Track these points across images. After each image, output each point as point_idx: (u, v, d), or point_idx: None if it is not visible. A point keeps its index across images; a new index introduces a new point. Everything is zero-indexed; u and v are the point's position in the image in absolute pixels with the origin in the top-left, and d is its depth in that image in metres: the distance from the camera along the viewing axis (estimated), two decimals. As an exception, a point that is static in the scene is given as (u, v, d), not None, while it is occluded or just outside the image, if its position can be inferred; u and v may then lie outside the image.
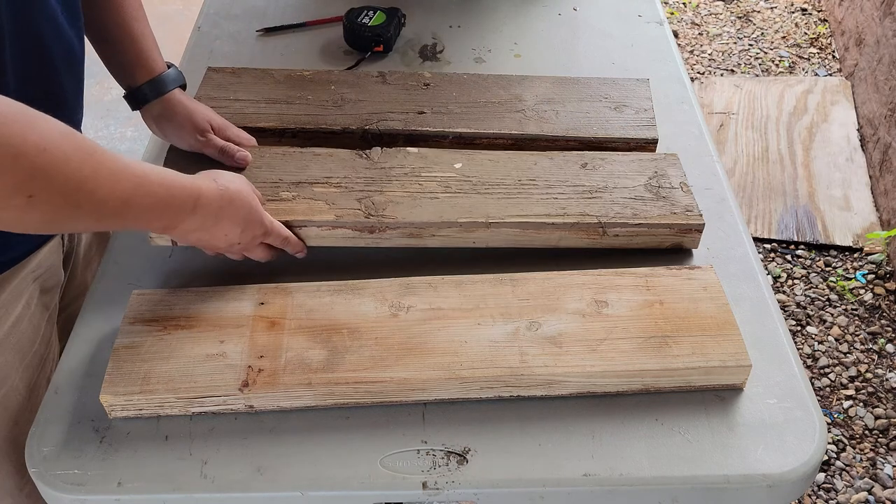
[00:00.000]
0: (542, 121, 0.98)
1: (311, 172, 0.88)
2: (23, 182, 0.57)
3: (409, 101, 1.01)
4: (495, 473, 0.68)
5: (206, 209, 0.72)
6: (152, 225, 0.70)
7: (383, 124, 0.97)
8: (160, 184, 0.67)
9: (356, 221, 0.83)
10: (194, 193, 0.71)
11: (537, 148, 0.96)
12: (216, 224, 0.74)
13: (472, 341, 0.73)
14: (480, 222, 0.83)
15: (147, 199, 0.66)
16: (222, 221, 0.74)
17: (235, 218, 0.75)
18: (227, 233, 0.76)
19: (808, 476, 0.68)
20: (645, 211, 0.85)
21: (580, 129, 0.98)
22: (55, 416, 0.72)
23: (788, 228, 2.10)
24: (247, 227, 0.77)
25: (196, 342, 0.73)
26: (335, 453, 0.69)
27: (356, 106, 1.00)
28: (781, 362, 0.76)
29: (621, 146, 0.97)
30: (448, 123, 0.97)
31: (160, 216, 0.69)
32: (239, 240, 0.77)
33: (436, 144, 0.96)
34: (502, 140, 0.97)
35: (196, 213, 0.71)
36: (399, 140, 0.96)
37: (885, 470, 1.61)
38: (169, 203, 0.69)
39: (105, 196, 0.63)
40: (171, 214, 0.70)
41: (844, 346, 1.85)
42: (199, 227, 0.73)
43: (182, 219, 0.71)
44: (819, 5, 3.02)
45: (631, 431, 0.71)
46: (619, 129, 0.98)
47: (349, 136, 0.97)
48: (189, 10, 2.95)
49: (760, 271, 0.86)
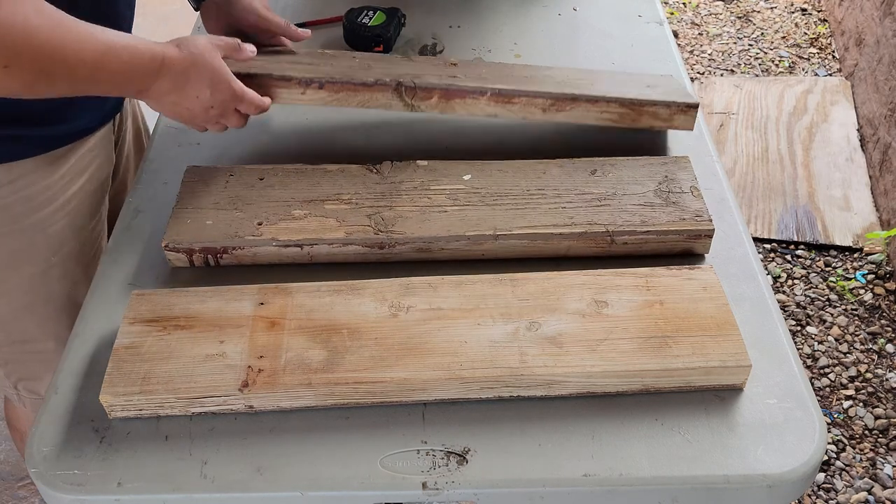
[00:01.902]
0: (580, 88, 0.98)
1: (322, 189, 0.89)
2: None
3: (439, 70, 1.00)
4: (495, 473, 0.68)
5: (172, 71, 0.79)
6: (125, 89, 0.79)
7: (419, 79, 0.95)
8: (125, 48, 0.74)
9: (366, 238, 0.84)
10: (158, 56, 0.77)
11: (578, 108, 0.95)
12: (185, 85, 0.81)
13: (472, 341, 0.73)
14: (488, 235, 0.84)
15: (114, 64, 0.74)
16: (190, 82, 0.81)
17: (202, 78, 0.81)
18: (198, 94, 0.82)
19: (808, 476, 0.68)
20: (654, 218, 0.85)
21: (620, 92, 0.97)
22: (55, 416, 0.72)
23: (788, 228, 2.10)
24: (215, 89, 0.83)
25: (196, 342, 0.73)
26: (335, 453, 0.69)
27: (386, 69, 0.99)
28: (781, 362, 0.76)
29: (662, 110, 0.96)
30: (485, 83, 0.96)
31: (130, 79, 0.77)
32: (211, 102, 0.83)
33: (473, 102, 0.95)
34: (543, 98, 0.95)
35: (162, 74, 0.78)
36: (435, 95, 0.94)
37: (885, 470, 1.61)
38: (136, 66, 0.76)
39: (75, 63, 0.70)
40: (140, 77, 0.77)
41: (844, 346, 1.85)
42: (171, 89, 0.80)
43: (151, 81, 0.78)
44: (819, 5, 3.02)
45: (631, 431, 0.71)
46: (660, 94, 0.98)
47: (383, 87, 0.94)
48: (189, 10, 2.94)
49: (760, 271, 0.86)
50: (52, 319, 1.00)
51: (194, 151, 1.03)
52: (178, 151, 1.03)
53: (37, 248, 0.95)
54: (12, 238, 0.93)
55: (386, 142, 1.04)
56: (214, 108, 0.84)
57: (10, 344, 1.02)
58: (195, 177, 0.91)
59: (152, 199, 0.95)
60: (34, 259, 0.95)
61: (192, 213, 0.87)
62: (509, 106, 0.95)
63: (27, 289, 0.97)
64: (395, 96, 0.93)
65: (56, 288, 0.98)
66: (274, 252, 0.85)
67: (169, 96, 0.81)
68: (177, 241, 0.84)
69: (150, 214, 0.93)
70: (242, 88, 0.86)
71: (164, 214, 0.92)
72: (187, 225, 0.85)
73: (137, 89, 0.78)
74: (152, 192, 0.96)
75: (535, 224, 0.85)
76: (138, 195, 0.96)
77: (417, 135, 1.05)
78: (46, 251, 0.96)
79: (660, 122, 0.97)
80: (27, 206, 0.92)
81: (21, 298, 0.98)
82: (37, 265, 0.96)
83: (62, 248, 0.97)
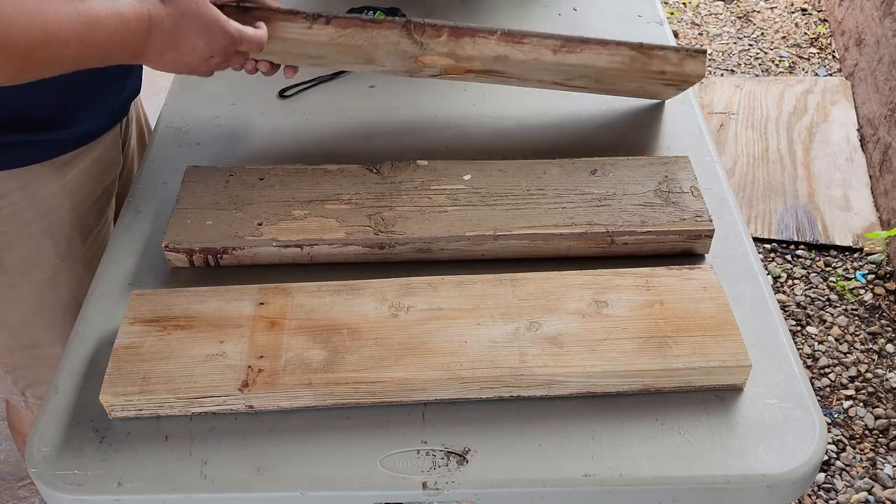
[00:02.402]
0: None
1: (322, 190, 0.89)
2: None
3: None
4: (495, 473, 0.68)
5: (161, 27, 0.76)
6: (119, 56, 0.75)
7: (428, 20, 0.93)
8: (109, 17, 0.71)
9: (366, 238, 0.84)
10: (144, 16, 0.74)
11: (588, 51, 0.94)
12: (179, 40, 0.78)
13: (472, 341, 0.73)
14: (488, 235, 0.84)
15: (102, 34, 0.71)
16: (183, 36, 0.78)
17: (193, 30, 0.78)
18: (195, 46, 0.79)
19: (808, 476, 0.68)
20: (654, 218, 0.85)
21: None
22: (55, 416, 0.72)
23: (788, 228, 2.10)
24: (211, 37, 0.80)
25: (196, 342, 0.73)
26: (335, 453, 0.69)
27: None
28: (781, 362, 0.76)
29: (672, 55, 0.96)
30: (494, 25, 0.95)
31: (121, 46, 0.73)
32: (211, 52, 0.80)
33: (483, 41, 0.94)
34: (552, 40, 0.94)
35: (153, 33, 0.75)
36: (444, 33, 0.93)
37: (885, 470, 1.61)
38: (124, 31, 0.73)
39: (59, 45, 0.68)
40: (130, 41, 0.74)
41: (844, 346, 1.85)
42: (166, 47, 0.77)
43: (143, 43, 0.75)
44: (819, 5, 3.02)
45: (631, 431, 0.71)
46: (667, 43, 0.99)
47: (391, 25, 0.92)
48: None
49: (760, 271, 0.86)
50: (61, 323, 1.00)
51: (194, 151, 1.03)
52: (178, 151, 1.03)
53: (46, 254, 0.95)
54: (22, 244, 0.93)
55: (386, 142, 1.04)
56: (215, 57, 0.82)
57: (21, 349, 1.01)
58: (195, 177, 0.91)
59: (152, 199, 0.95)
60: (43, 264, 0.95)
61: (192, 213, 0.87)
62: (519, 46, 0.93)
63: (37, 294, 0.97)
64: (404, 34, 0.92)
65: (65, 292, 0.98)
66: (274, 252, 0.85)
67: (165, 54, 0.78)
68: (177, 241, 0.84)
69: (150, 214, 0.93)
70: (239, 29, 0.83)
71: (164, 214, 0.92)
72: (187, 225, 0.85)
73: (131, 54, 0.76)
74: (152, 192, 0.96)
75: (535, 224, 0.85)
76: (138, 195, 0.96)
77: (417, 135, 1.05)
78: (55, 256, 0.96)
79: (671, 66, 0.96)
80: (36, 211, 0.92)
81: (31, 304, 0.97)
82: (46, 270, 0.96)
83: (71, 252, 0.97)
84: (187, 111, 1.10)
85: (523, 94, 1.11)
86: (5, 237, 0.91)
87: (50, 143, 0.90)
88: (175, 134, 1.06)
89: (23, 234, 0.92)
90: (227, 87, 1.14)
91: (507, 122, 1.07)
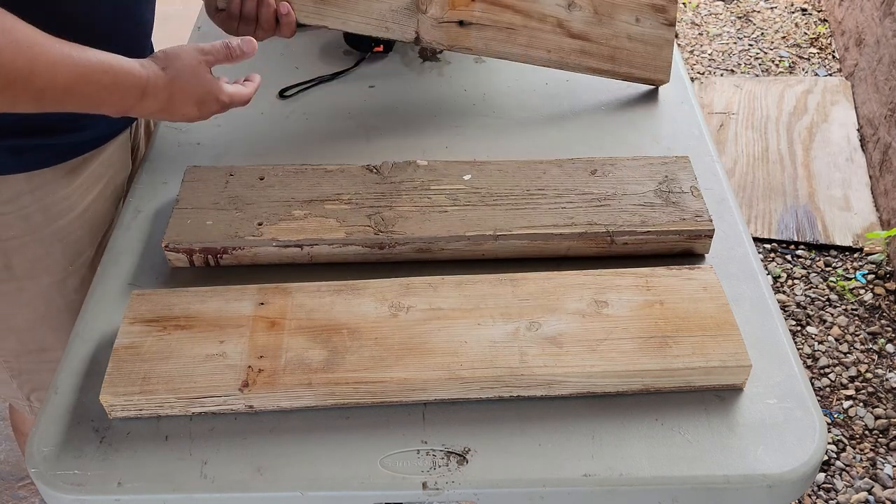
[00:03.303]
0: None
1: (322, 190, 0.89)
2: None
3: None
4: (495, 473, 0.68)
5: (156, 96, 0.77)
6: (103, 109, 0.75)
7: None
8: (105, 71, 0.71)
9: (366, 238, 0.84)
10: (141, 82, 0.75)
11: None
12: (172, 106, 0.79)
13: (472, 341, 0.73)
14: (488, 235, 0.84)
15: (90, 87, 0.70)
16: (176, 104, 0.79)
17: (189, 100, 0.80)
18: (185, 113, 0.81)
19: (808, 476, 0.68)
20: (654, 218, 0.85)
21: None
22: (55, 416, 0.72)
23: (788, 228, 2.10)
24: (203, 106, 0.82)
25: (196, 342, 0.73)
26: (335, 453, 0.69)
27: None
28: (781, 362, 0.76)
29: None
30: None
31: (108, 101, 0.74)
32: (199, 116, 0.82)
33: None
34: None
35: (146, 99, 0.76)
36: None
37: (885, 470, 1.61)
38: (114, 90, 0.73)
39: (43, 86, 0.67)
40: (118, 100, 0.74)
41: (844, 346, 1.85)
42: (156, 110, 0.78)
43: (132, 104, 0.76)
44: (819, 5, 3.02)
45: (631, 431, 0.71)
46: None
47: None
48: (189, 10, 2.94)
49: (760, 271, 0.86)
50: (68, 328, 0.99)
51: (194, 151, 1.03)
52: (178, 151, 1.03)
53: (55, 258, 0.95)
54: (32, 247, 0.93)
55: (386, 142, 1.04)
56: (202, 117, 0.84)
57: (27, 353, 1.01)
58: (195, 177, 0.91)
59: (152, 199, 0.95)
60: (53, 268, 0.95)
61: (192, 213, 0.87)
62: None
63: (45, 298, 0.97)
64: None
65: (73, 296, 0.98)
66: (274, 252, 0.85)
67: (155, 115, 0.80)
68: (177, 241, 0.84)
69: (150, 214, 0.93)
70: (230, 95, 0.84)
71: (164, 214, 0.92)
72: (187, 225, 0.85)
73: (117, 110, 0.76)
74: (152, 192, 0.96)
75: (535, 224, 0.85)
76: (138, 195, 0.96)
77: (417, 135, 1.05)
78: (64, 260, 0.96)
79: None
80: (46, 215, 0.92)
81: (38, 308, 0.97)
82: (55, 274, 0.96)
83: (80, 256, 0.97)
84: (187, 111, 1.09)
85: (523, 94, 1.12)
86: (15, 240, 0.91)
87: (60, 147, 0.90)
88: (175, 134, 1.06)
89: (32, 238, 0.92)
90: (227, 87, 1.14)
91: (507, 122, 1.07)
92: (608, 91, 1.11)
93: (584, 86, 1.12)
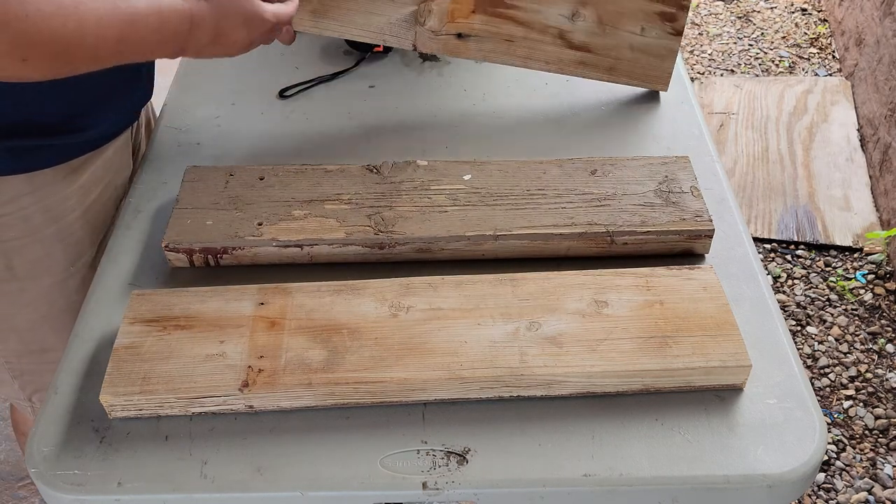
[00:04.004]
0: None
1: (322, 190, 0.89)
2: (12, 48, 0.62)
3: None
4: (495, 473, 0.68)
5: (203, 25, 0.76)
6: (160, 52, 0.75)
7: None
8: (150, 13, 0.70)
9: (366, 238, 0.84)
10: (186, 14, 0.74)
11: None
12: (221, 35, 0.78)
13: (472, 341, 0.73)
14: (488, 235, 0.84)
15: (141, 32, 0.70)
16: (225, 31, 0.78)
17: (236, 25, 0.79)
18: (236, 39, 0.80)
19: (808, 476, 0.68)
20: (654, 218, 0.85)
21: None
22: (55, 416, 0.72)
23: (788, 228, 2.10)
24: (251, 28, 0.80)
25: (196, 342, 0.73)
26: (335, 453, 0.69)
27: None
28: (781, 362, 0.76)
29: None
30: None
31: (161, 44, 0.73)
32: (251, 40, 0.81)
33: None
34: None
35: (194, 31, 0.75)
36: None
37: (885, 470, 1.61)
38: (163, 30, 0.72)
39: (96, 43, 0.67)
40: (171, 39, 0.73)
41: (844, 346, 1.85)
42: (207, 42, 0.77)
43: (184, 41, 0.75)
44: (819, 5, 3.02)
45: (631, 431, 0.71)
46: None
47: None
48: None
49: (760, 271, 0.86)
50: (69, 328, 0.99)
51: (194, 151, 1.03)
52: (178, 151, 1.03)
53: (56, 258, 0.95)
54: (32, 248, 0.93)
55: (386, 142, 1.04)
56: (256, 42, 0.83)
57: (29, 354, 1.01)
58: (195, 177, 0.91)
59: (152, 199, 0.95)
60: (54, 269, 0.95)
61: (192, 213, 0.87)
62: None
63: (46, 299, 0.97)
64: None
65: (74, 297, 0.98)
66: (274, 252, 0.85)
67: (206, 49, 0.79)
68: (177, 241, 0.84)
69: (150, 214, 0.93)
70: (275, 13, 0.83)
71: (164, 214, 0.92)
72: (187, 225, 0.85)
73: (171, 51, 0.76)
74: (152, 192, 0.96)
75: (535, 224, 0.85)
76: (138, 195, 0.96)
77: (417, 135, 1.05)
78: (65, 261, 0.96)
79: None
80: (47, 215, 0.92)
81: (40, 308, 0.97)
82: (56, 275, 0.96)
83: (80, 257, 0.97)
84: (187, 111, 1.10)
85: (523, 94, 1.12)
86: (16, 241, 0.91)
87: (60, 147, 0.90)
88: (175, 134, 1.06)
89: (33, 239, 0.92)
90: (227, 87, 1.14)
91: (507, 122, 1.07)
92: (608, 91, 1.11)
93: (584, 86, 1.12)
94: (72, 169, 0.92)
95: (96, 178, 0.96)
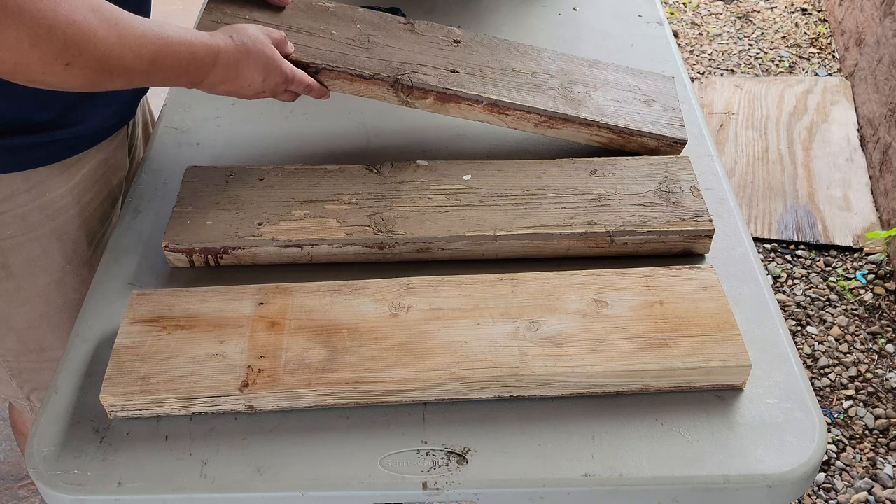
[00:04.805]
0: (577, 102, 0.97)
1: (322, 190, 0.89)
2: (59, 52, 0.66)
3: (440, 57, 0.98)
4: (495, 473, 0.68)
5: (226, 63, 0.81)
6: (180, 81, 0.79)
7: (416, 77, 0.94)
8: (181, 43, 0.76)
9: (366, 238, 0.84)
10: (214, 49, 0.79)
11: (569, 129, 0.97)
12: (238, 75, 0.83)
13: (472, 341, 0.73)
14: (488, 235, 0.84)
15: (171, 59, 0.75)
16: (243, 72, 0.83)
17: (255, 68, 0.83)
18: (251, 82, 0.84)
19: (808, 476, 0.68)
20: (654, 218, 0.85)
21: (613, 116, 0.97)
22: (55, 416, 0.72)
23: (788, 228, 2.10)
24: (268, 75, 0.85)
25: (196, 342, 0.73)
26: (335, 453, 0.69)
27: (385, 51, 0.97)
28: (781, 362, 0.76)
29: (650, 141, 0.97)
30: (482, 88, 0.95)
31: (185, 73, 0.78)
32: (262, 88, 0.86)
33: (468, 108, 0.95)
34: (536, 115, 0.95)
35: (217, 67, 0.80)
36: (431, 96, 0.94)
37: (885, 470, 1.61)
38: (191, 61, 0.77)
39: (133, 61, 0.72)
40: (194, 70, 0.78)
41: (844, 346, 1.85)
42: (224, 80, 0.82)
43: (205, 73, 0.80)
44: (819, 5, 3.02)
45: (631, 431, 0.71)
46: (649, 123, 0.98)
47: (379, 81, 0.93)
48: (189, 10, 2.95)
49: (760, 271, 0.86)
50: (67, 327, 1.00)
51: (194, 151, 1.03)
52: (178, 151, 1.03)
53: (53, 256, 0.95)
54: (29, 246, 0.93)
55: (386, 142, 1.04)
56: (266, 91, 0.87)
57: (27, 353, 1.01)
58: (195, 177, 0.91)
59: (152, 199, 0.95)
60: (50, 267, 0.95)
61: (192, 213, 0.87)
62: (502, 116, 0.96)
63: (43, 297, 0.97)
64: (392, 92, 0.94)
65: (71, 295, 0.98)
66: (274, 252, 0.85)
67: (222, 85, 0.83)
68: (177, 241, 0.84)
69: (150, 214, 0.93)
70: (293, 71, 0.88)
71: (164, 214, 0.92)
72: (187, 225, 0.85)
73: (190, 81, 0.80)
74: (152, 192, 0.96)
75: (535, 224, 0.85)
76: (138, 195, 0.96)
77: (417, 135, 1.05)
78: (62, 259, 0.96)
79: (647, 150, 0.98)
80: (44, 213, 0.92)
81: (38, 307, 0.97)
82: (53, 273, 0.96)
83: (77, 255, 0.97)
84: (187, 111, 1.10)
85: (523, 94, 1.11)
86: (12, 240, 0.91)
87: (56, 144, 0.90)
88: (175, 134, 1.06)
89: (29, 237, 0.92)
90: (227, 87, 1.14)
91: (507, 122, 1.07)
92: (608, 91, 1.11)
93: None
94: (68, 167, 0.92)
95: (92, 176, 0.96)
